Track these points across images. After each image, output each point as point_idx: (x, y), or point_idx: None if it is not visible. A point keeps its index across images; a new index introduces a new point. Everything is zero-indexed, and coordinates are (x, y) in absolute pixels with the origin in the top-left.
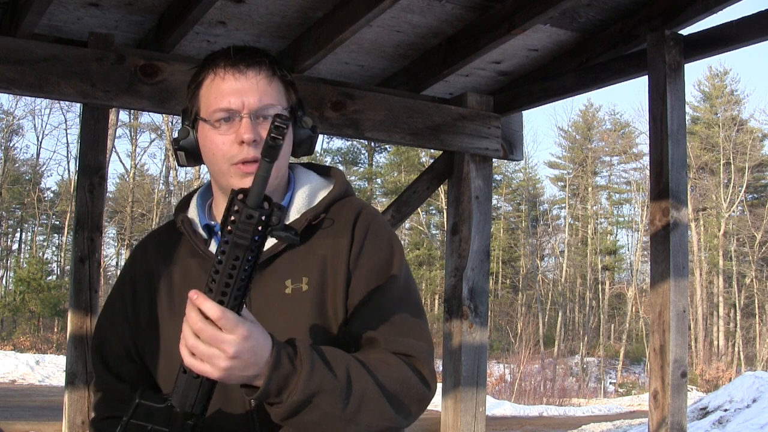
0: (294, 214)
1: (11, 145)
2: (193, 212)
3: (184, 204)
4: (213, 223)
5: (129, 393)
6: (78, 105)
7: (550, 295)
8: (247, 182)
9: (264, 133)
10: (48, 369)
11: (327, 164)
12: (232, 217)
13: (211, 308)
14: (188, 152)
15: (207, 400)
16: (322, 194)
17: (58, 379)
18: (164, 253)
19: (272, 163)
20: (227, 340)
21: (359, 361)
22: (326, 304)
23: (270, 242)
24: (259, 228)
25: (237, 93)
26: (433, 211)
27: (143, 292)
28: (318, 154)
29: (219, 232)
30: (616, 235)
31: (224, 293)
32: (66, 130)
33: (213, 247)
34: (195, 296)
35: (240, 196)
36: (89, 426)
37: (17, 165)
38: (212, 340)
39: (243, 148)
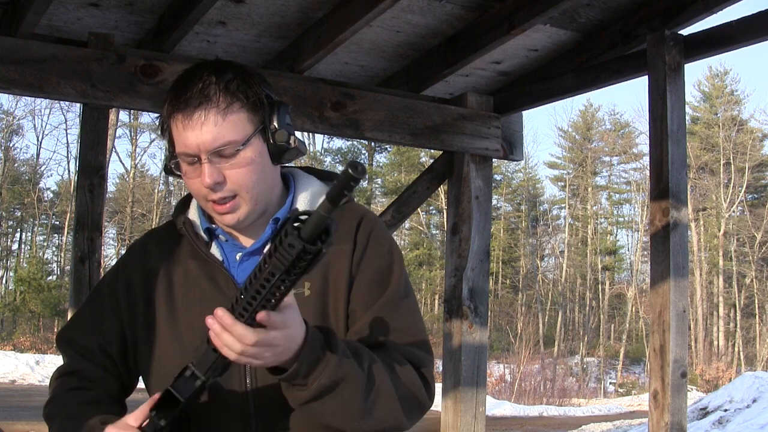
0: None
1: (11, 145)
2: (193, 214)
3: (183, 205)
4: (214, 226)
5: (102, 376)
6: (78, 105)
7: (550, 295)
8: (224, 219)
9: (228, 171)
10: (48, 369)
11: (328, 169)
12: (284, 233)
13: (260, 315)
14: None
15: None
16: (323, 199)
17: None
18: (164, 254)
19: (335, 208)
20: (273, 337)
21: (380, 358)
22: (328, 309)
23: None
24: (301, 260)
25: (191, 137)
26: (433, 211)
27: (140, 290)
28: (318, 154)
29: (219, 236)
30: (616, 235)
31: (254, 298)
32: (66, 130)
33: (214, 250)
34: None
35: (296, 224)
36: (50, 387)
37: (17, 165)
38: (263, 342)
39: (210, 191)
